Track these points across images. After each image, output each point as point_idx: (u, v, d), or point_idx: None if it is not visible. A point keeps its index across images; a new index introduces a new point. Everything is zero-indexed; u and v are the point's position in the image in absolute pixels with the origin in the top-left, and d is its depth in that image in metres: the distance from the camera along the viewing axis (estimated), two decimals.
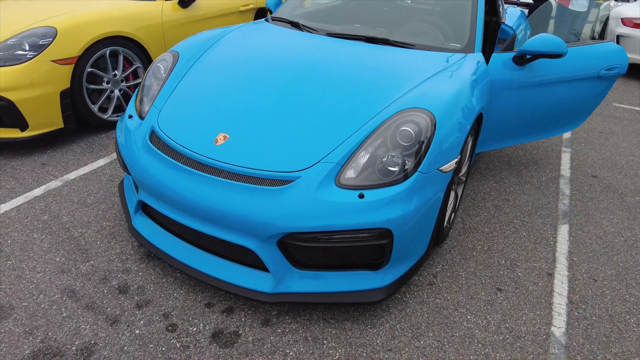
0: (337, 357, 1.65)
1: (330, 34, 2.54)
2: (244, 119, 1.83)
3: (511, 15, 3.98)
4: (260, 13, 4.75)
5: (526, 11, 4.87)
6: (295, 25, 2.71)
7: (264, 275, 1.71)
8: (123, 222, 2.32)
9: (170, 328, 1.73)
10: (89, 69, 3.01)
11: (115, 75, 3.22)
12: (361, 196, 1.56)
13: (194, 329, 1.73)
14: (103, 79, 3.16)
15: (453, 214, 2.32)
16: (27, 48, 2.72)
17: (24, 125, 2.80)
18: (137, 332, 1.70)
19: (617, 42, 6.00)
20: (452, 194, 2.20)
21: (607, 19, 6.50)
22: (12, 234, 2.19)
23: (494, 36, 3.39)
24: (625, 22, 5.95)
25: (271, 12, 3.21)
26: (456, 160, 1.78)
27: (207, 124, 1.84)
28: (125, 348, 1.63)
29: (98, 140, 3.17)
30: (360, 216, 1.54)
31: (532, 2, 5.40)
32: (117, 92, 3.28)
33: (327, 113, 1.81)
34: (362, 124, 1.74)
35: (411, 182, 1.61)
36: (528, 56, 2.51)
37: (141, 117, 2.06)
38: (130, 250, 2.13)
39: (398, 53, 2.28)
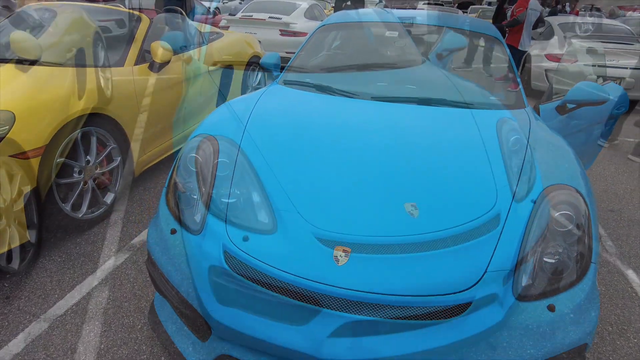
0: None
1: (375, 98, 2.25)
2: (354, 221, 1.43)
3: None
4: (227, 71, 4.38)
5: None
6: (321, 88, 2.38)
7: None
8: None
9: None
10: (58, 159, 2.33)
11: (88, 162, 2.55)
12: (551, 308, 1.24)
13: None
14: (74, 168, 2.48)
15: None
16: None
17: None
18: None
19: (546, 76, 6.65)
20: None
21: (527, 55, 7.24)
22: None
23: None
24: (549, 57, 6.65)
25: (270, 71, 2.90)
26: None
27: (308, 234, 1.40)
28: None
29: (75, 249, 2.43)
30: (558, 336, 1.22)
31: None
32: (90, 183, 2.59)
33: (455, 202, 1.49)
34: (505, 215, 1.44)
35: (591, 276, 1.34)
36: (570, 105, 2.50)
37: (191, 231, 1.53)
38: None
39: (468, 115, 2.07)
